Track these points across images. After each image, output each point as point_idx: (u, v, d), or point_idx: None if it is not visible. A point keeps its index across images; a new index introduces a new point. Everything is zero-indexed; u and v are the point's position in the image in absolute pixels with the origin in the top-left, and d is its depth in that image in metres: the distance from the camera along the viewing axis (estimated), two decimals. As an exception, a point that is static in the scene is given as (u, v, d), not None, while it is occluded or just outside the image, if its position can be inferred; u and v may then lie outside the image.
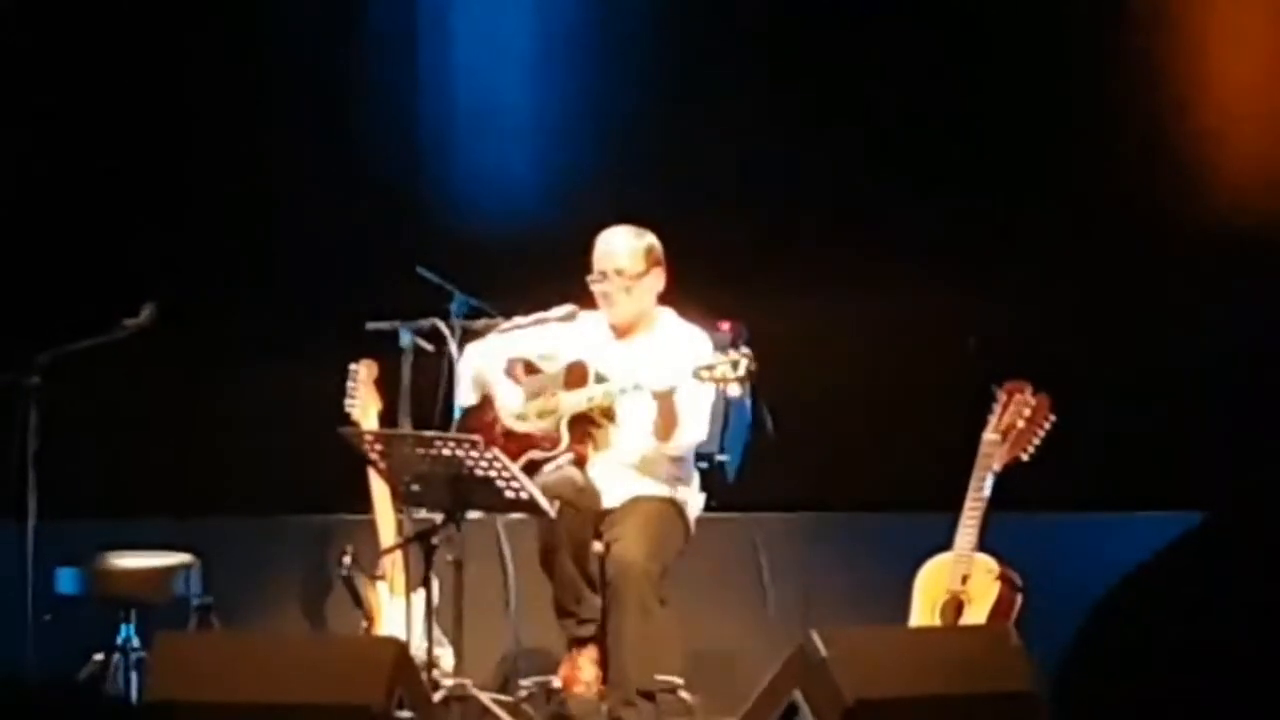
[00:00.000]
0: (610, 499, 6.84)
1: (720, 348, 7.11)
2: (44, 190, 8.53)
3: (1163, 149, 8.62)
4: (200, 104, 8.71)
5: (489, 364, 6.99)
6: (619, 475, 6.85)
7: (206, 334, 8.29)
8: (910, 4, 8.76)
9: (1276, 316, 8.19)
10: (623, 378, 6.72)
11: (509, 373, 6.99)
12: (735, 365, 6.42)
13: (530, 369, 6.99)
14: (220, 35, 8.74)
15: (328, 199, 8.70)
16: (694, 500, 6.98)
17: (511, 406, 6.92)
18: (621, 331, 6.98)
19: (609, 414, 6.78)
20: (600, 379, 6.78)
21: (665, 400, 6.62)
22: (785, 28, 8.78)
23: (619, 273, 6.88)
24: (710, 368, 6.45)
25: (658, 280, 6.94)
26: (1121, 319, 8.46)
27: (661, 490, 6.86)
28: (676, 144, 8.77)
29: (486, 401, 7.00)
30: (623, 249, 6.89)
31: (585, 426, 6.79)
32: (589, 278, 6.91)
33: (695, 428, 6.80)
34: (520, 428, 6.88)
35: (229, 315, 8.50)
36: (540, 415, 6.85)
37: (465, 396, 7.01)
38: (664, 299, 7.05)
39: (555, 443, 6.78)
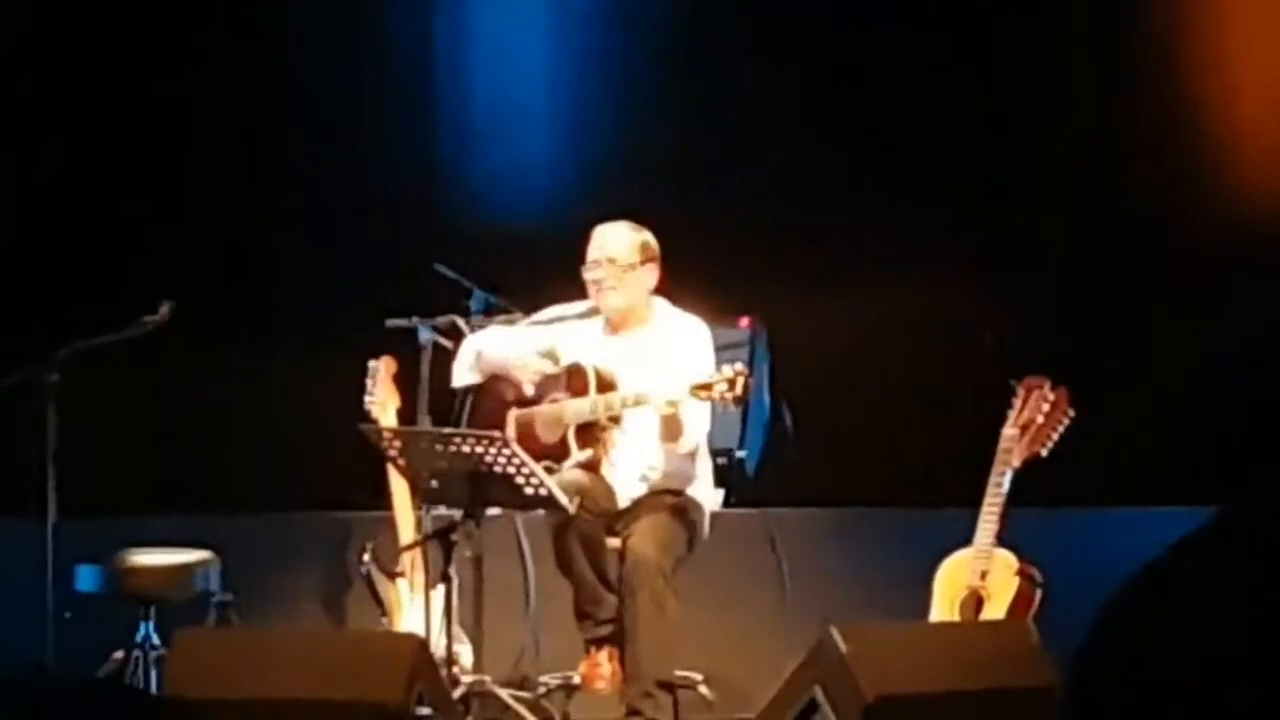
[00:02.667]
0: (624, 498, 6.83)
1: (733, 345, 7.10)
2: (61, 188, 8.55)
3: (1171, 149, 8.61)
4: (217, 102, 8.72)
5: (493, 346, 6.97)
6: (631, 474, 6.84)
7: (225, 331, 8.30)
8: (921, 5, 8.77)
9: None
10: (626, 389, 6.70)
11: None
12: (731, 384, 6.39)
13: None
14: (240, 36, 8.75)
15: (346, 195, 8.72)
16: (707, 495, 6.96)
17: (530, 345, 6.89)
18: (616, 326, 6.95)
19: (615, 418, 6.77)
20: (601, 380, 6.76)
21: (670, 409, 6.60)
22: (794, 28, 8.78)
23: (611, 261, 6.86)
24: (707, 387, 6.41)
25: (650, 275, 6.90)
26: (1140, 313, 8.45)
27: (673, 486, 6.85)
28: (692, 142, 8.77)
29: (495, 388, 6.98)
30: (616, 240, 6.88)
31: (592, 432, 6.78)
32: (583, 267, 6.89)
33: (699, 426, 6.78)
34: (542, 368, 6.85)
35: (248, 312, 8.51)
36: (545, 420, 6.85)
37: (461, 377, 7.00)
38: (682, 297, 7.03)
39: (565, 453, 6.77)
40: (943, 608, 6.71)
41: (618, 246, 6.86)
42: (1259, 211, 8.51)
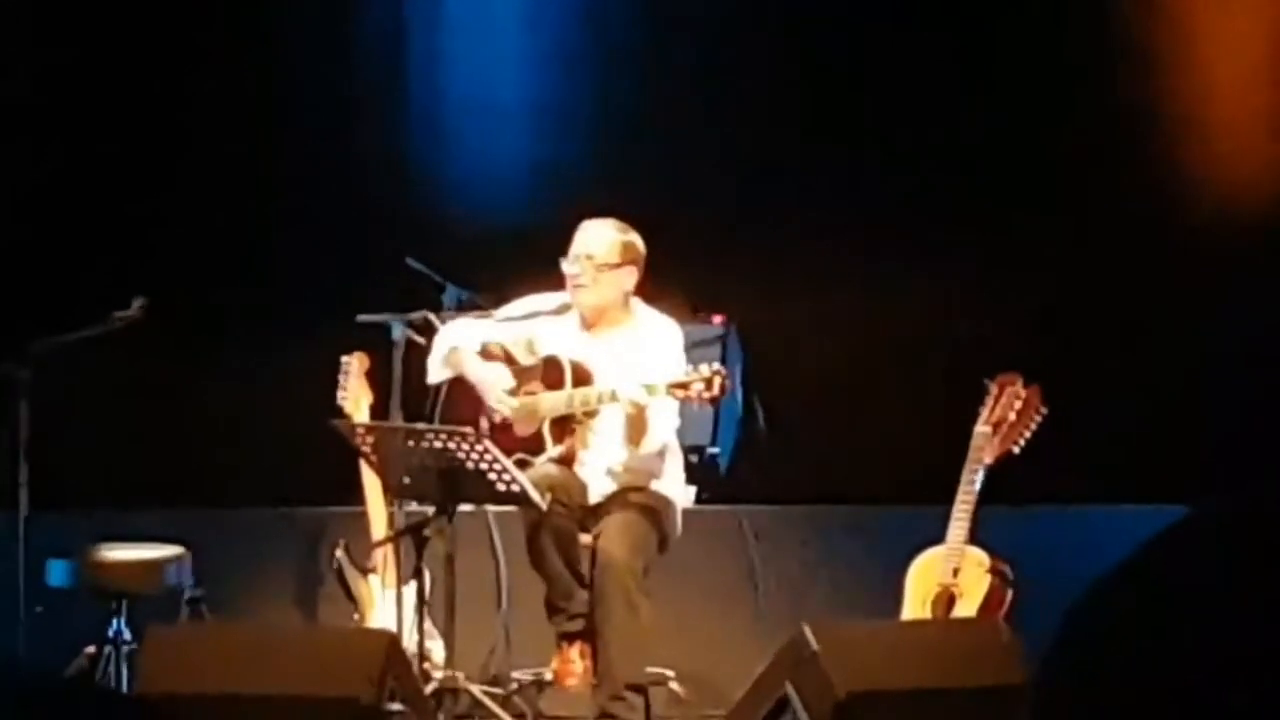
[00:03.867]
0: (596, 494, 6.82)
1: (707, 342, 7.09)
2: (36, 184, 8.53)
3: (1171, 149, 8.63)
4: (192, 98, 8.70)
5: (464, 344, 6.96)
6: (603, 471, 6.83)
7: (198, 326, 8.29)
8: (913, 4, 8.77)
9: (1269, 312, 8.20)
10: (601, 383, 6.69)
11: (483, 354, 6.96)
12: (708, 383, 6.37)
13: (508, 358, 6.96)
14: (213, 31, 8.73)
15: (319, 191, 8.70)
16: (679, 493, 6.94)
17: (502, 383, 6.87)
18: (592, 323, 6.93)
19: (590, 413, 6.76)
20: (577, 374, 6.75)
21: (636, 410, 6.58)
22: (783, 23, 8.78)
23: (590, 258, 6.82)
24: (684, 385, 6.40)
25: (629, 277, 6.84)
26: (1139, 313, 8.46)
27: (644, 484, 6.84)
28: (669, 136, 8.77)
29: (471, 386, 6.97)
30: (599, 237, 6.82)
31: (567, 425, 6.77)
32: (562, 260, 6.86)
33: (663, 431, 6.75)
34: (505, 411, 6.84)
35: (221, 307, 8.50)
36: (520, 412, 6.83)
37: (435, 374, 6.99)
38: (657, 292, 7.01)
39: (540, 447, 6.76)
40: (915, 605, 6.72)
41: (599, 244, 6.81)
42: (1259, 211, 8.52)
